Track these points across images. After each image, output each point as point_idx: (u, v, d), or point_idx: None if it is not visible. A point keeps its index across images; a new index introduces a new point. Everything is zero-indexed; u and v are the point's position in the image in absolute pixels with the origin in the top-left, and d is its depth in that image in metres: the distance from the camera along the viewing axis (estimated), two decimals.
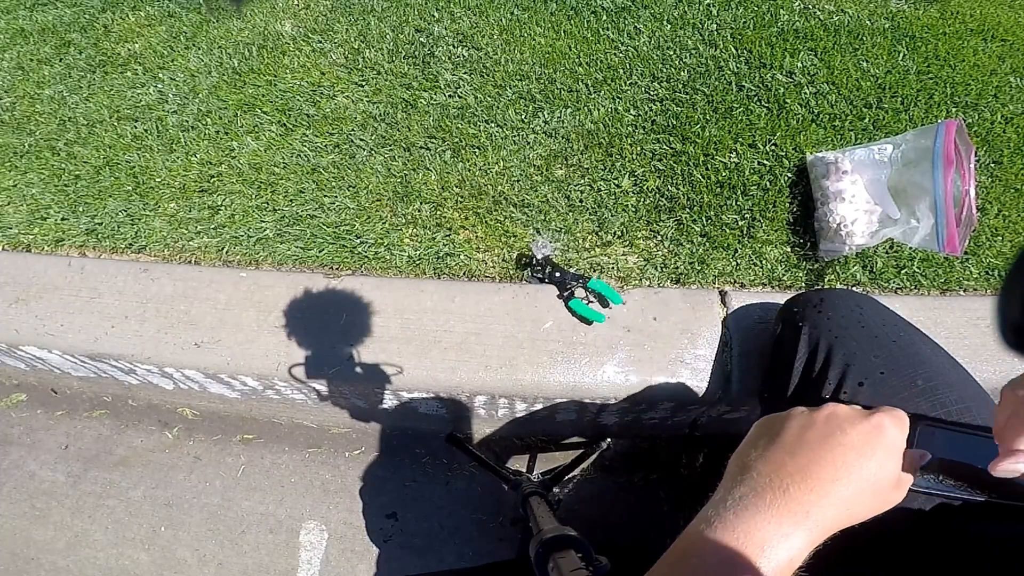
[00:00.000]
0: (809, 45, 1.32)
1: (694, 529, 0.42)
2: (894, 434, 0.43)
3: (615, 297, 0.98)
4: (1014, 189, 1.14)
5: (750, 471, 0.42)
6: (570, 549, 0.66)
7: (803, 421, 0.44)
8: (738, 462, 0.44)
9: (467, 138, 1.23)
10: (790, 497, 0.39)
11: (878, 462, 0.42)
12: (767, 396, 0.80)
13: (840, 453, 0.41)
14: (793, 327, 0.74)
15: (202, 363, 1.03)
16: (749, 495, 0.40)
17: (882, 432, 0.43)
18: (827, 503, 0.39)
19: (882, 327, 0.69)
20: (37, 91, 1.45)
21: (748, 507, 0.40)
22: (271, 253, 1.16)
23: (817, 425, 0.43)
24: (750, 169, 1.16)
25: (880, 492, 0.42)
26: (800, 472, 0.40)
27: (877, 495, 0.42)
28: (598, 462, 1.20)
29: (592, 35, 1.37)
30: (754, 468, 0.42)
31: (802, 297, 0.80)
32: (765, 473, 0.41)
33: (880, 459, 0.42)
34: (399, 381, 0.99)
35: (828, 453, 0.41)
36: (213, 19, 1.52)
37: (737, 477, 0.42)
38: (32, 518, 1.22)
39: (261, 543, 1.17)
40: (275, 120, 1.31)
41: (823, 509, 0.39)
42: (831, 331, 0.69)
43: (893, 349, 0.66)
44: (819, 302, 0.75)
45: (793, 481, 0.40)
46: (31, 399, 1.36)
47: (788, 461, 0.41)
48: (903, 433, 0.44)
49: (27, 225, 1.26)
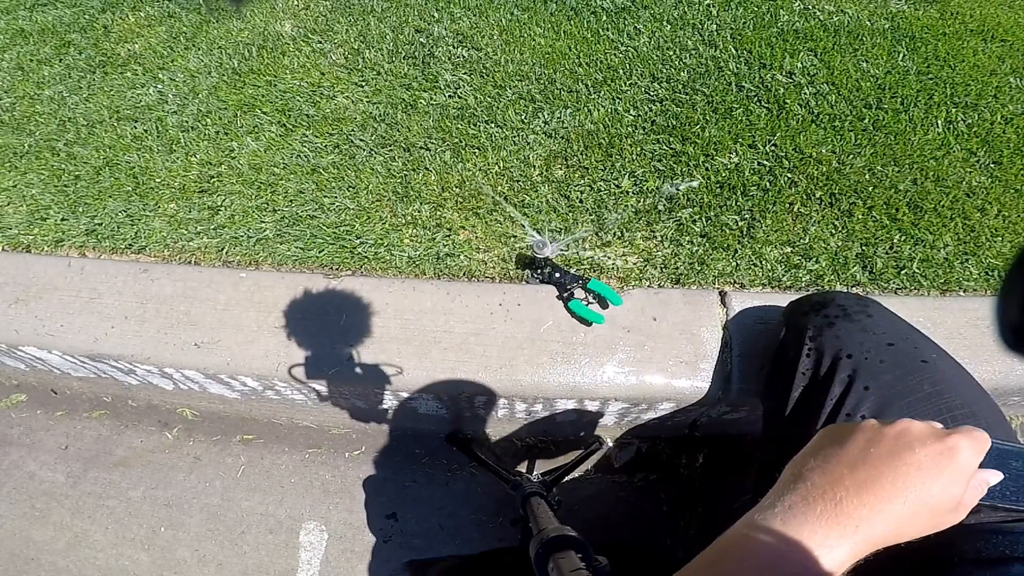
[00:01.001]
0: (809, 45, 1.32)
1: (737, 531, 0.41)
2: (967, 457, 0.41)
3: (615, 298, 0.98)
4: (1014, 189, 1.14)
5: (804, 480, 0.41)
6: (570, 549, 0.66)
7: (871, 435, 0.42)
8: (794, 470, 0.43)
9: (467, 138, 1.23)
10: (841, 510, 0.38)
11: (942, 485, 0.40)
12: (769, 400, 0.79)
13: (904, 472, 0.39)
14: (797, 331, 0.74)
15: (202, 363, 1.03)
16: (799, 504, 0.39)
17: (955, 455, 0.40)
18: (879, 520, 0.38)
19: (887, 331, 0.69)
20: (37, 91, 1.45)
21: (796, 515, 0.39)
22: (271, 253, 1.16)
23: (886, 440, 0.41)
24: (750, 169, 1.16)
25: (937, 514, 0.40)
26: (857, 486, 0.39)
27: (933, 517, 0.40)
28: (598, 462, 1.20)
29: (592, 35, 1.37)
30: (809, 478, 0.41)
31: (806, 301, 0.80)
32: (820, 484, 0.40)
33: (945, 482, 0.40)
34: (399, 381, 0.99)
35: (891, 471, 0.39)
36: (213, 19, 1.52)
37: (790, 485, 0.41)
38: (32, 518, 1.22)
39: (261, 543, 1.16)
40: (275, 120, 1.31)
41: (873, 526, 0.38)
42: (837, 336, 0.69)
43: (899, 354, 0.65)
44: (823, 306, 0.75)
45: (848, 495, 0.39)
46: (31, 399, 1.36)
47: (847, 474, 0.40)
48: (978, 457, 0.42)
49: (27, 225, 1.26)
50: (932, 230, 1.10)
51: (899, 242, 1.09)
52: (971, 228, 1.10)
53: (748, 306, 1.00)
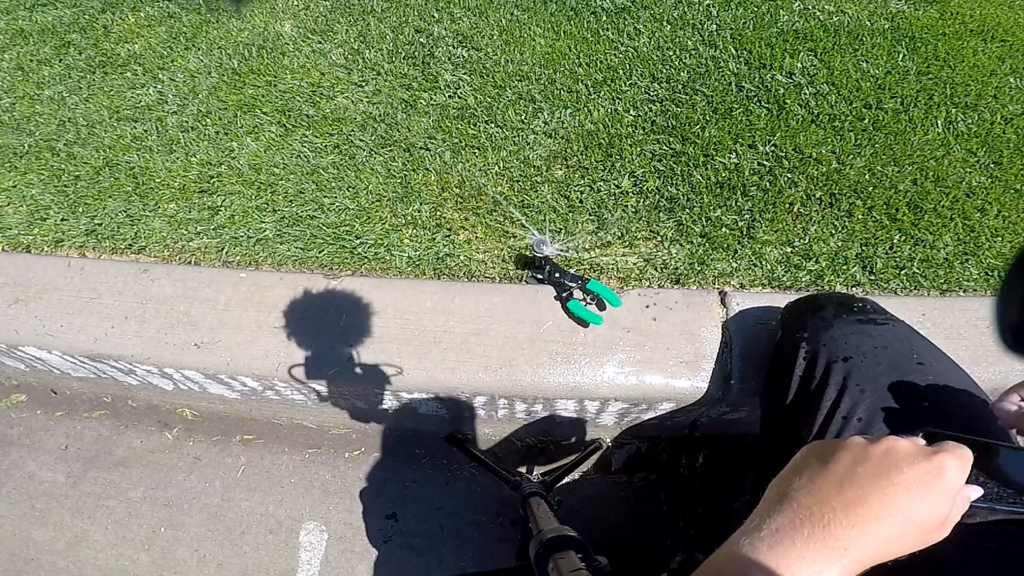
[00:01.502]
0: (809, 46, 1.32)
1: (722, 556, 0.41)
2: (954, 475, 0.41)
3: (614, 299, 0.98)
4: (1014, 189, 1.14)
5: (791, 501, 0.40)
6: (570, 550, 0.66)
7: (857, 453, 0.42)
8: (779, 489, 0.42)
9: (467, 139, 1.23)
10: (829, 532, 0.38)
11: (930, 504, 0.40)
12: (767, 401, 0.79)
13: (892, 492, 0.39)
14: (793, 333, 0.74)
15: (202, 364, 1.03)
16: (786, 527, 0.39)
17: (942, 474, 0.40)
18: (867, 541, 0.38)
19: (883, 333, 0.69)
20: (37, 92, 1.45)
21: (783, 540, 0.38)
22: (271, 254, 1.16)
23: (872, 460, 0.41)
24: (750, 170, 1.16)
25: (924, 532, 0.41)
26: (844, 507, 0.38)
27: (920, 535, 0.41)
28: (597, 462, 1.20)
29: (592, 36, 1.37)
30: (795, 498, 0.40)
31: (803, 302, 0.80)
32: (806, 505, 0.39)
33: (933, 501, 0.40)
34: (399, 382, 0.99)
35: (878, 491, 0.39)
36: (213, 20, 1.52)
37: (776, 506, 0.40)
38: (32, 518, 1.22)
39: (261, 543, 1.16)
40: (275, 121, 1.31)
41: (862, 547, 0.38)
42: (834, 339, 0.69)
43: (895, 356, 0.65)
44: (819, 308, 0.75)
45: (835, 517, 0.38)
46: (31, 399, 1.36)
47: (834, 495, 0.39)
48: (964, 474, 0.42)
49: (27, 226, 1.26)
50: (932, 230, 1.10)
51: (899, 242, 1.09)
52: (971, 228, 1.10)
53: (748, 306, 1.00)
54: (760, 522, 0.40)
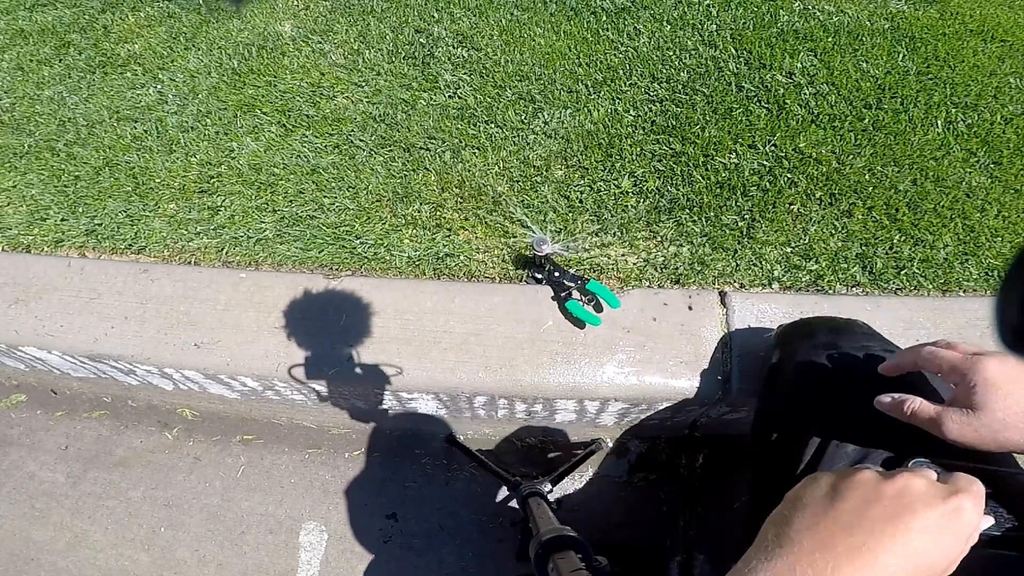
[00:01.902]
0: (809, 46, 1.32)
1: None
2: (971, 516, 0.38)
3: (613, 301, 0.98)
4: (1014, 190, 1.14)
5: (792, 542, 0.37)
6: (570, 550, 0.66)
7: (867, 494, 0.38)
8: (778, 528, 0.39)
9: (467, 139, 1.23)
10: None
11: (945, 547, 0.37)
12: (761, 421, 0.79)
13: (904, 536, 0.36)
14: (787, 357, 0.75)
15: (202, 364, 1.03)
16: (786, 573, 0.36)
17: (960, 516, 0.38)
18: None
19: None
20: (37, 92, 1.45)
21: None
22: (271, 254, 1.16)
23: (884, 500, 0.38)
24: (750, 170, 1.16)
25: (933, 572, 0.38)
26: (851, 552, 0.35)
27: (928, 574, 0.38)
28: (597, 462, 1.20)
29: (592, 36, 1.37)
30: (796, 540, 0.37)
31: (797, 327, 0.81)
32: (809, 549, 0.36)
33: (948, 543, 0.37)
34: (399, 382, 0.99)
35: (890, 537, 0.36)
36: (213, 20, 1.52)
37: (775, 548, 0.37)
38: (32, 518, 1.22)
39: (261, 544, 1.16)
40: (275, 121, 1.31)
41: None
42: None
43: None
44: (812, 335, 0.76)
45: (841, 563, 0.35)
46: (31, 399, 1.36)
47: (841, 539, 0.36)
48: (980, 514, 0.39)
49: (27, 226, 1.26)
50: (932, 230, 1.10)
51: (899, 242, 1.09)
52: (971, 228, 1.10)
53: (748, 306, 1.00)
54: (757, 563, 0.37)
